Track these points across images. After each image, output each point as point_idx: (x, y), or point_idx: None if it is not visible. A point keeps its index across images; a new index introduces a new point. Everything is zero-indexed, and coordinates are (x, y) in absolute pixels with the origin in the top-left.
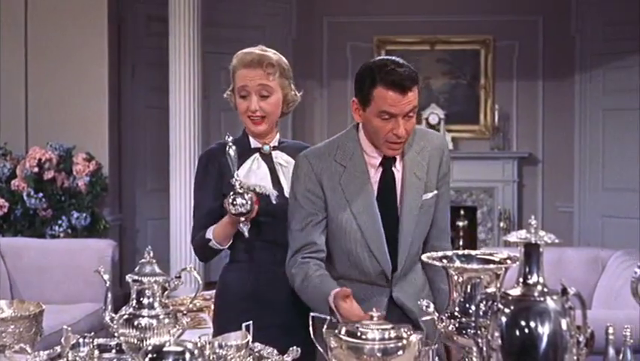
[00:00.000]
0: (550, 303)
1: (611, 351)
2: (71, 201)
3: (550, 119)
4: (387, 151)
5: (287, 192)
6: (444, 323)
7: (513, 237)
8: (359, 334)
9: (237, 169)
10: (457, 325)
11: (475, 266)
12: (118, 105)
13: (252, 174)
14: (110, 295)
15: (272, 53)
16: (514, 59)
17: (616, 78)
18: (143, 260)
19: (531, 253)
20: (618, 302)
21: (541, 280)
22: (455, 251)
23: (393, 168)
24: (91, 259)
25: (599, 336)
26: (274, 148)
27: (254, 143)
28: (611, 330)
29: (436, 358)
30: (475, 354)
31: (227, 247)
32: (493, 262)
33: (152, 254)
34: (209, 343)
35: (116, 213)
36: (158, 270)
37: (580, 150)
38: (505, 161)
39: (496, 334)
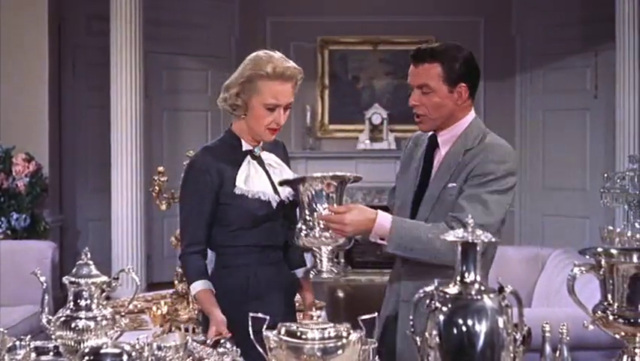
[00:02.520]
0: (487, 301)
1: (548, 348)
2: (10, 202)
3: (491, 119)
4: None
5: (282, 195)
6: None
7: (450, 236)
8: (299, 334)
9: (236, 175)
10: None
11: None
12: (58, 105)
13: (253, 180)
14: (47, 297)
15: (295, 65)
16: None
17: (556, 79)
18: (80, 262)
19: (468, 252)
20: (557, 300)
21: (478, 278)
22: None
23: (435, 153)
24: (31, 260)
25: (536, 334)
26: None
27: (245, 145)
28: (547, 328)
29: (376, 357)
30: None
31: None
32: None
33: (89, 255)
34: (148, 344)
35: (56, 215)
36: (95, 271)
37: (520, 150)
38: None
39: (434, 332)
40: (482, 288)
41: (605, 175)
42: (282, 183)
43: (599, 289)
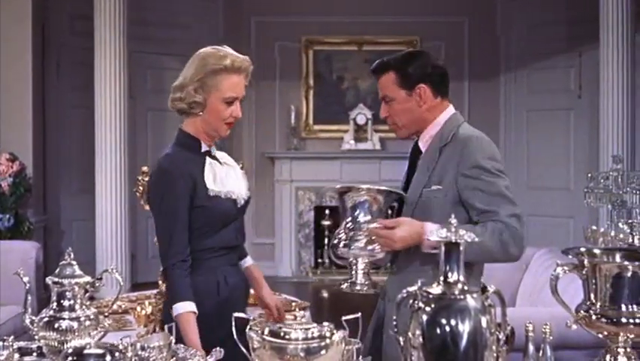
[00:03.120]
0: (470, 301)
1: (531, 348)
2: None
3: (475, 119)
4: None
5: (243, 195)
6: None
7: (434, 235)
8: (282, 334)
9: (203, 177)
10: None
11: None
12: (42, 105)
13: (221, 180)
14: (30, 297)
15: (247, 57)
16: (441, 59)
17: (540, 79)
18: (63, 262)
19: (451, 252)
20: (541, 300)
21: (461, 278)
22: None
23: (419, 155)
24: (14, 261)
25: (520, 333)
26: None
27: (204, 146)
28: (530, 327)
29: (360, 357)
30: None
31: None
32: None
33: (72, 256)
34: (132, 345)
35: (40, 215)
36: (78, 272)
37: (505, 150)
38: None
39: (417, 332)
40: (465, 288)
41: (589, 175)
42: (339, 191)
43: (582, 289)
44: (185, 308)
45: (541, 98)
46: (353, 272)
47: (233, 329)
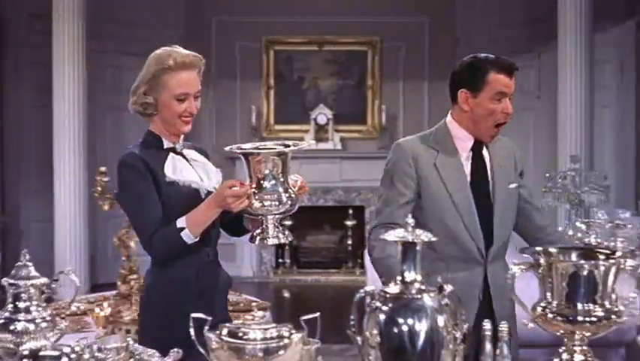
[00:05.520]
0: (428, 300)
1: (488, 346)
2: None
3: (436, 120)
4: (488, 137)
5: (208, 187)
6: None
7: (391, 235)
8: (240, 334)
9: (163, 168)
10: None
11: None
12: (0, 105)
13: (181, 172)
14: None
15: (194, 53)
16: (401, 60)
17: None
18: (19, 263)
19: (408, 251)
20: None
21: (418, 277)
22: None
23: (483, 153)
24: None
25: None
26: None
27: (166, 143)
28: (487, 326)
29: (319, 357)
30: None
31: (195, 240)
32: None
33: (27, 257)
34: (88, 346)
35: None
36: (34, 273)
37: None
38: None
39: (375, 331)
40: (422, 287)
41: (547, 175)
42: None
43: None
44: (181, 222)
45: None
46: (264, 226)
47: (191, 330)
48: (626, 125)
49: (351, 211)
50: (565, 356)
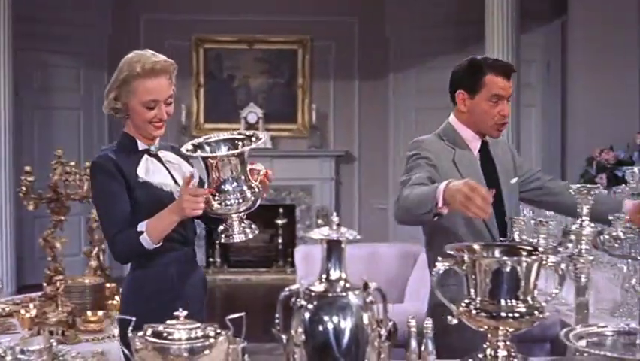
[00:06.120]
0: (352, 298)
1: (413, 343)
2: None
3: (365, 119)
4: (494, 133)
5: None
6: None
7: (316, 234)
8: (165, 334)
9: (136, 169)
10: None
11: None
12: None
13: (154, 173)
14: None
15: (165, 58)
16: (331, 59)
17: (428, 78)
18: None
19: (333, 250)
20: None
21: (343, 275)
22: None
23: (490, 151)
24: None
25: (403, 329)
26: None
27: (141, 145)
28: (413, 323)
29: (246, 355)
30: None
31: (155, 247)
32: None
33: None
34: (10, 348)
35: None
36: None
37: (394, 149)
38: (323, 159)
39: (300, 330)
40: (347, 285)
41: None
42: (190, 151)
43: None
44: (143, 226)
45: (429, 98)
46: (228, 223)
47: (117, 330)
48: (552, 123)
49: (281, 210)
50: (489, 351)
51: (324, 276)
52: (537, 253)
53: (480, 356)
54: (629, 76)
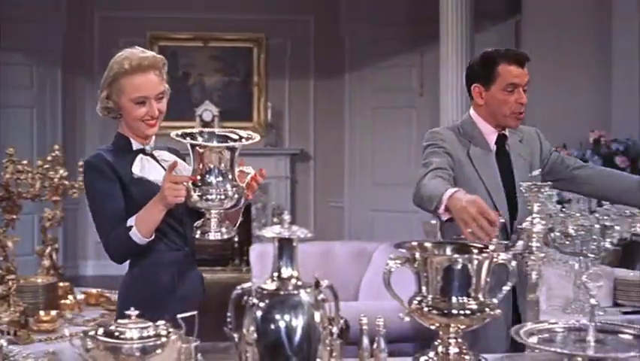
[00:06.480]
0: (304, 296)
1: (365, 341)
2: None
3: (321, 117)
4: (513, 123)
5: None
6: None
7: (268, 232)
8: (117, 334)
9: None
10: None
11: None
12: None
13: (149, 171)
14: None
15: (153, 54)
16: (287, 58)
17: (384, 77)
18: None
19: (284, 248)
20: (384, 293)
21: (295, 273)
22: None
23: (506, 146)
24: None
25: (356, 327)
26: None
27: (135, 145)
28: (364, 320)
29: (199, 354)
30: None
31: (147, 241)
32: None
33: None
34: None
35: None
36: None
37: (350, 147)
38: (278, 158)
39: (252, 328)
40: (299, 283)
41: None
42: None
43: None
44: (132, 221)
45: (384, 97)
46: (207, 220)
47: (67, 330)
48: None
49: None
50: (440, 348)
51: (275, 274)
52: (488, 250)
53: (432, 353)
54: (582, 75)
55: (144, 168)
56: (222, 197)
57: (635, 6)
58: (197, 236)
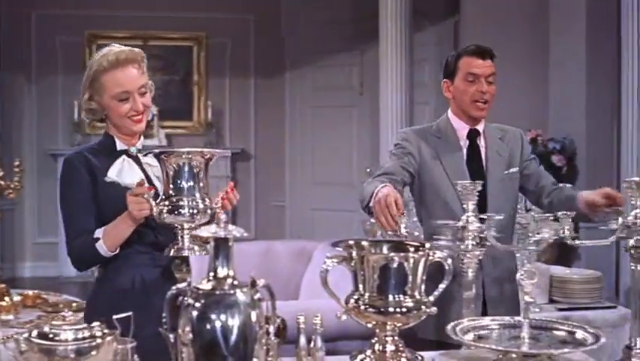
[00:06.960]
0: (240, 295)
1: (302, 340)
2: None
3: (262, 116)
4: (475, 112)
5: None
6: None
7: (204, 232)
8: (51, 335)
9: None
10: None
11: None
12: None
13: (127, 174)
14: None
15: (131, 48)
16: (227, 57)
17: (324, 77)
18: None
19: (220, 247)
20: (324, 292)
21: (231, 273)
22: None
23: (478, 142)
24: None
25: (294, 326)
26: (138, 151)
27: (120, 145)
28: (302, 319)
29: (135, 356)
30: None
31: (111, 254)
32: None
33: None
34: None
35: None
36: None
37: (290, 146)
38: (219, 157)
39: (187, 328)
40: (235, 283)
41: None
42: (142, 152)
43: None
44: (100, 232)
45: (325, 96)
46: (179, 237)
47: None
48: None
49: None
50: (377, 346)
51: (211, 274)
52: (424, 248)
53: (369, 351)
54: (520, 75)
55: (122, 171)
56: (194, 212)
57: (572, 7)
58: (170, 254)
